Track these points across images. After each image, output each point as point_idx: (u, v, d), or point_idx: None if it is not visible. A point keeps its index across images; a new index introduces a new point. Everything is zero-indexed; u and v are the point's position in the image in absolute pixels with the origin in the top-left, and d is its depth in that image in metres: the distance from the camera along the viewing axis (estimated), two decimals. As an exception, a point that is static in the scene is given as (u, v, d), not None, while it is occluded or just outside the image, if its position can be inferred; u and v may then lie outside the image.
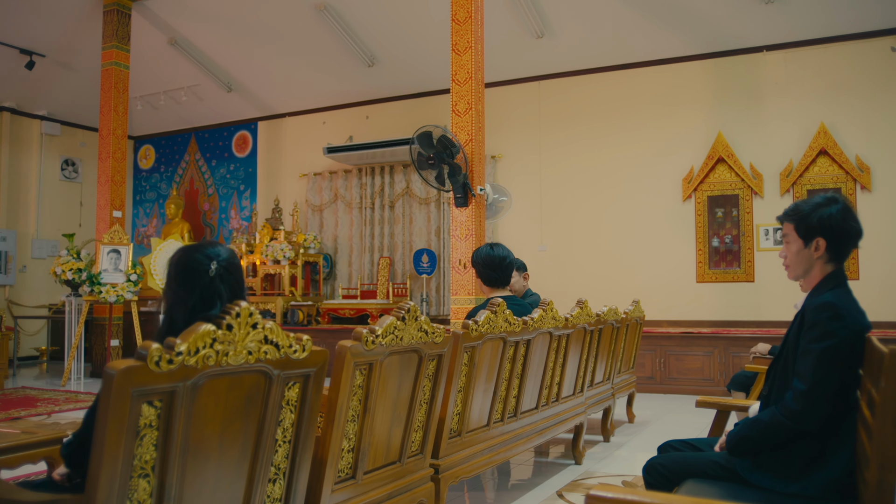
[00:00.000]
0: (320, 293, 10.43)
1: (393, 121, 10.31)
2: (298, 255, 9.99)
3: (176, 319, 1.83)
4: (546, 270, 8.99)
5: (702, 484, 2.12)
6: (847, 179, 7.86)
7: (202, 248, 1.91)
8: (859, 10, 7.60)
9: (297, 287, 10.01)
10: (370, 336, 2.25)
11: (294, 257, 9.94)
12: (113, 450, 1.48)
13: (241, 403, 1.79)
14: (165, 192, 11.99)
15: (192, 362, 1.60)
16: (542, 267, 9.00)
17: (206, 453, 1.71)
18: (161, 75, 10.53)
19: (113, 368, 1.46)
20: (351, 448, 2.31)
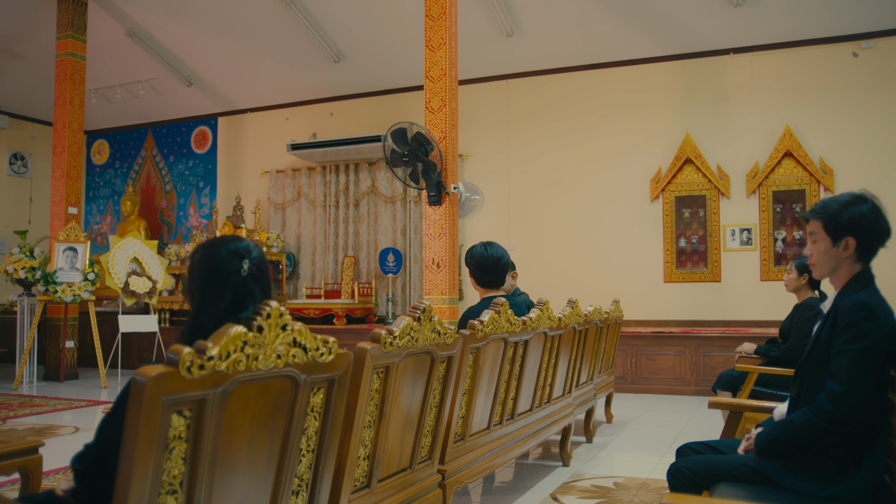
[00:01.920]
0: (283, 293, 10.21)
1: (358, 118, 10.16)
2: (261, 254, 9.74)
3: (206, 323, 1.67)
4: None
5: (733, 487, 2.07)
6: (811, 181, 8.01)
7: (230, 245, 1.75)
8: (823, 16, 7.74)
9: (260, 287, 9.75)
10: (388, 338, 2.14)
11: (257, 256, 9.68)
12: (143, 465, 1.35)
13: (269, 411, 1.66)
14: (120, 189, 11.59)
15: (223, 367, 1.47)
16: (510, 266, 8.93)
17: (233, 466, 1.59)
18: (118, 68, 10.17)
19: (144, 375, 1.33)
20: (366, 455, 2.20)
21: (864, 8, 7.57)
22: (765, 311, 7.99)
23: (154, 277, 8.68)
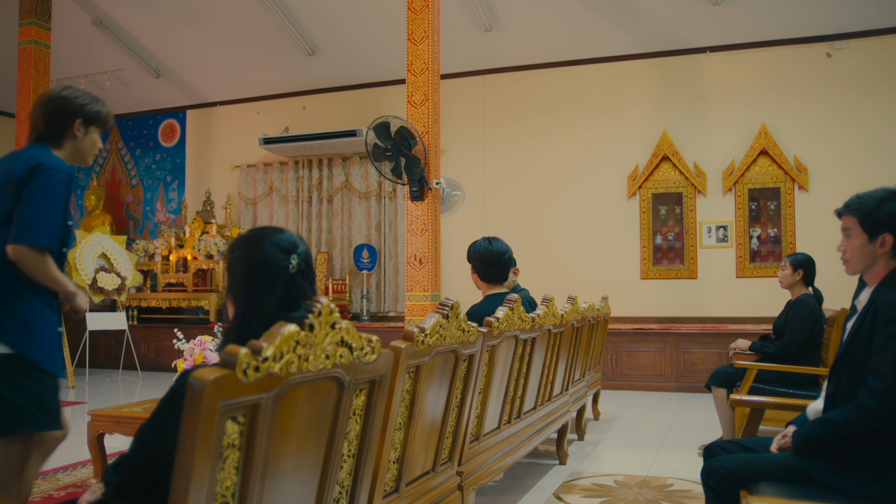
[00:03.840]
0: (255, 290, 9.99)
1: (332, 112, 9.99)
2: (233, 250, 9.53)
3: (254, 325, 1.55)
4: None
5: (775, 486, 2.03)
6: (786, 179, 8.11)
7: (273, 239, 1.62)
8: (798, 16, 7.84)
9: (232, 283, 9.54)
10: (421, 336, 2.05)
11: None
12: (200, 476, 1.24)
13: (316, 415, 1.56)
14: (84, 183, 11.23)
15: (277, 369, 1.37)
16: (488, 263, 8.88)
17: (281, 475, 1.48)
18: (82, 57, 9.84)
19: (201, 379, 1.22)
20: (396, 459, 2.11)
21: (837, 9, 7.68)
22: (741, 307, 8.07)
23: (123, 274, 8.42)
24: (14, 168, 2.30)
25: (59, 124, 2.42)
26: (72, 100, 2.44)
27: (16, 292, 2.31)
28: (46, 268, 2.32)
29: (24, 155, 2.37)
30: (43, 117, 2.42)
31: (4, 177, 2.32)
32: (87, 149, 2.52)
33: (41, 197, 2.27)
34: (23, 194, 2.27)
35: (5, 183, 2.31)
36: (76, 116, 2.44)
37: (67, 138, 2.45)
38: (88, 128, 2.48)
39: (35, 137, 2.44)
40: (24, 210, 2.27)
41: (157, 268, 9.69)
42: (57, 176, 2.31)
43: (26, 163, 2.30)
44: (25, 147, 2.45)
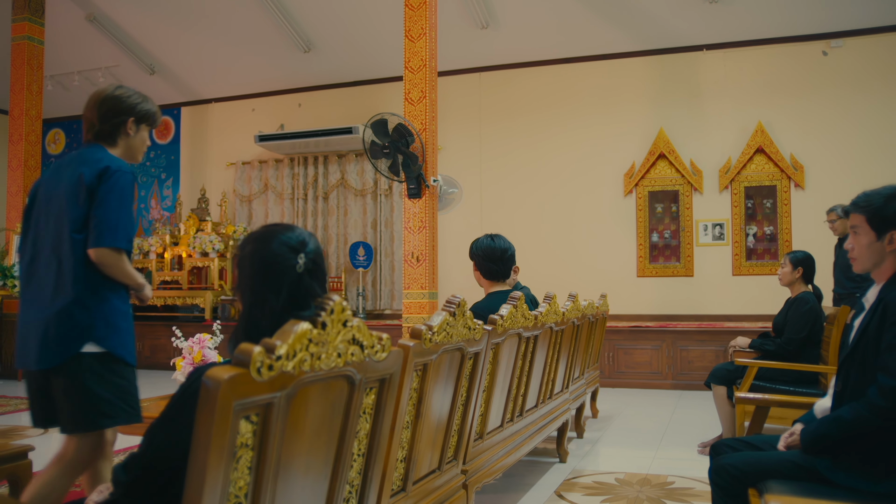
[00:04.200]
0: (250, 288, 9.95)
1: (327, 109, 9.96)
2: (228, 248, 9.51)
3: (261, 325, 1.53)
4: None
5: (783, 484, 2.02)
6: (782, 177, 8.12)
7: (282, 237, 1.60)
8: (794, 15, 7.85)
9: (227, 281, 9.52)
10: (429, 333, 2.04)
11: (223, 249, 9.44)
12: (214, 476, 1.22)
13: (328, 414, 1.55)
14: (77, 180, 11.16)
15: (290, 368, 1.35)
16: (484, 261, 8.88)
17: (293, 475, 1.47)
18: (76, 54, 9.77)
19: (215, 378, 1.20)
20: (403, 458, 2.09)
21: (833, 8, 7.70)
22: (737, 305, 8.09)
23: (118, 272, 8.36)
24: (82, 174, 2.38)
25: (114, 122, 2.50)
26: (125, 99, 2.52)
27: (97, 292, 2.41)
28: (125, 266, 2.44)
29: (88, 159, 2.44)
30: (98, 116, 2.50)
31: (74, 183, 2.40)
32: (138, 146, 2.61)
33: (113, 200, 2.37)
34: (96, 199, 2.37)
35: (76, 189, 2.39)
36: (129, 115, 2.52)
37: (121, 136, 2.53)
38: (139, 126, 2.57)
39: (91, 136, 2.53)
40: (100, 214, 2.37)
41: (151, 265, 9.64)
42: (124, 178, 2.41)
43: (93, 168, 2.39)
44: (84, 149, 2.52)
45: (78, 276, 2.38)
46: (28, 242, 2.52)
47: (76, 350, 2.35)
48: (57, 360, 2.35)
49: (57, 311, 2.35)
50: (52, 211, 2.45)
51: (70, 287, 2.37)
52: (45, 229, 2.47)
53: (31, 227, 2.53)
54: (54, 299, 2.38)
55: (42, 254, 2.45)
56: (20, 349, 2.45)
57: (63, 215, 2.41)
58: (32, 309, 2.43)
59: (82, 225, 2.38)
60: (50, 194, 2.48)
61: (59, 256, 2.40)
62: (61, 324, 2.35)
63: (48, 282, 2.41)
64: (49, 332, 2.35)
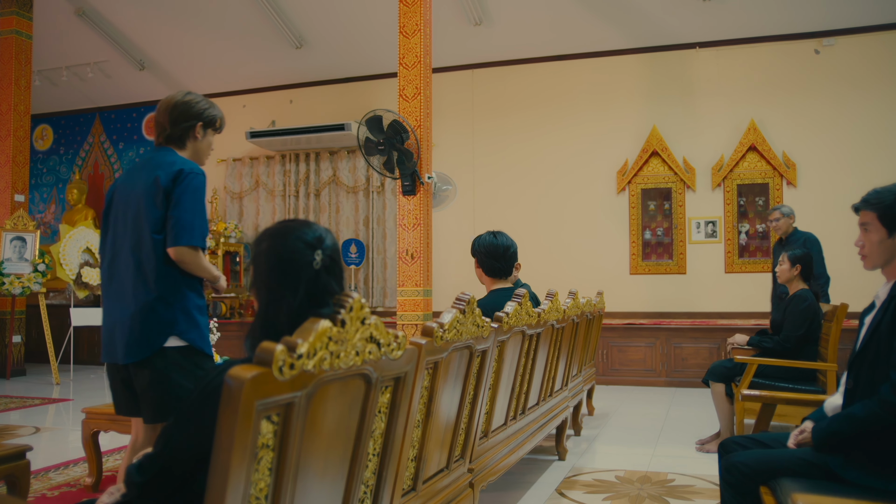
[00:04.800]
0: (241, 284, 9.90)
1: (319, 106, 9.90)
2: (219, 245, 9.44)
3: (278, 323, 1.51)
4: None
5: (796, 482, 2.02)
6: (774, 175, 8.14)
7: (300, 234, 1.58)
8: (787, 13, 7.87)
9: (218, 278, 9.43)
10: (440, 331, 2.01)
11: (214, 246, 9.37)
12: (237, 478, 1.20)
13: (345, 413, 1.52)
14: (65, 176, 11.05)
15: (311, 367, 1.32)
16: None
17: (312, 475, 1.44)
18: (65, 49, 9.65)
19: (238, 378, 1.17)
20: (414, 457, 2.07)
21: (825, 6, 7.72)
22: (729, 303, 8.11)
23: (108, 269, 8.29)
24: (158, 177, 2.51)
25: (183, 127, 2.64)
26: (194, 104, 2.66)
27: (178, 289, 2.54)
28: (202, 262, 2.56)
29: (162, 162, 2.56)
30: (170, 120, 2.63)
31: (150, 186, 2.52)
32: (204, 150, 2.74)
33: (189, 201, 2.51)
34: (172, 200, 2.50)
35: (153, 192, 2.51)
36: (198, 120, 2.66)
37: (189, 140, 2.67)
38: (206, 130, 2.71)
39: (162, 140, 2.66)
40: (178, 215, 2.49)
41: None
42: (197, 179, 2.55)
43: (167, 170, 2.52)
44: (156, 152, 2.65)
45: (160, 274, 2.51)
46: (107, 243, 2.65)
47: (161, 344, 2.49)
48: (143, 354, 2.49)
49: (141, 308, 2.49)
50: (130, 212, 2.57)
51: (153, 285, 2.50)
52: (122, 230, 2.59)
53: (109, 228, 2.66)
54: (137, 297, 2.51)
55: (121, 254, 2.58)
56: (106, 344, 2.61)
57: (141, 216, 2.53)
58: (116, 307, 2.56)
59: (161, 226, 2.51)
60: (126, 196, 2.60)
61: (140, 256, 2.53)
62: (146, 320, 2.49)
63: (129, 280, 2.54)
64: (135, 328, 2.49)
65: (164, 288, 2.50)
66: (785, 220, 5.99)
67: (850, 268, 7.50)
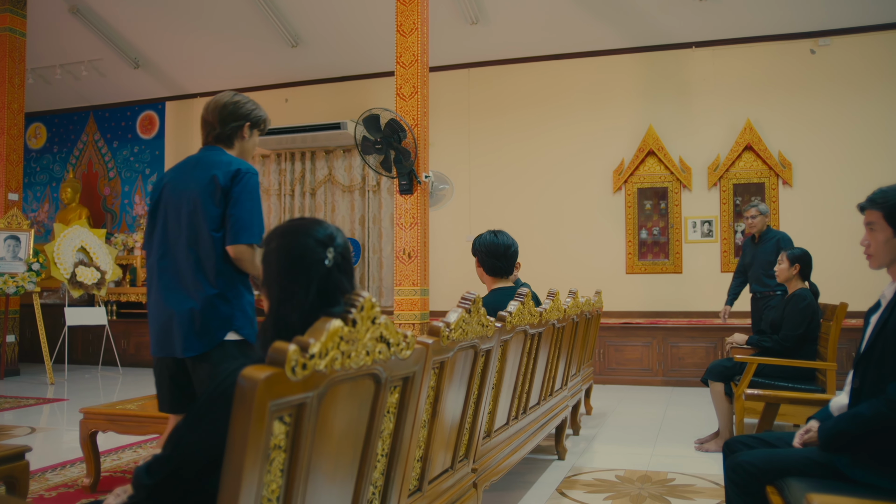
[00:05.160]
0: (236, 284, 9.85)
1: (315, 105, 9.87)
2: (214, 244, 9.39)
3: (290, 321, 1.49)
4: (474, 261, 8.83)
5: (803, 481, 2.01)
6: (770, 174, 8.16)
7: (311, 231, 1.57)
8: (783, 13, 7.89)
9: (213, 278, 9.40)
10: (446, 331, 2.00)
11: (210, 246, 9.32)
12: (250, 479, 1.18)
13: (355, 414, 1.51)
14: (59, 175, 10.99)
15: (322, 367, 1.31)
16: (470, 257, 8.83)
17: (322, 476, 1.43)
18: (58, 47, 9.60)
19: (252, 378, 1.16)
20: (420, 457, 2.06)
21: (821, 6, 7.74)
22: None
23: (102, 268, 8.25)
24: (215, 176, 2.56)
25: (232, 127, 2.70)
26: (242, 105, 2.72)
27: (235, 286, 2.60)
28: (258, 260, 2.58)
29: (217, 161, 2.61)
30: (219, 120, 2.69)
31: (208, 184, 2.56)
32: (250, 150, 2.79)
33: (247, 200, 2.57)
34: (230, 199, 2.56)
35: (211, 190, 2.55)
36: (246, 120, 2.72)
37: (237, 139, 2.73)
38: (253, 131, 2.77)
39: (211, 139, 2.71)
40: (237, 213, 2.55)
41: (136, 262, 9.52)
42: (253, 179, 2.62)
43: (225, 170, 2.58)
44: (207, 151, 2.69)
45: (219, 270, 2.57)
46: (156, 238, 2.68)
47: (220, 339, 2.56)
48: (204, 348, 2.55)
49: (202, 303, 2.54)
50: (184, 209, 2.60)
51: (214, 281, 2.56)
52: (175, 226, 2.62)
53: (157, 224, 2.68)
54: (196, 292, 2.56)
55: (175, 250, 2.61)
56: (160, 339, 2.63)
57: (198, 214, 2.57)
58: (172, 301, 2.60)
59: (219, 224, 2.56)
60: (179, 194, 2.62)
61: (198, 252, 2.57)
62: (206, 315, 2.54)
63: (188, 275, 2.58)
64: (195, 323, 2.54)
65: (224, 284, 2.57)
66: (761, 217, 6.04)
67: (844, 267, 7.54)
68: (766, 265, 5.85)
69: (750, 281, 6.19)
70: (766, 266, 5.88)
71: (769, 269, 5.76)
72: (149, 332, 2.76)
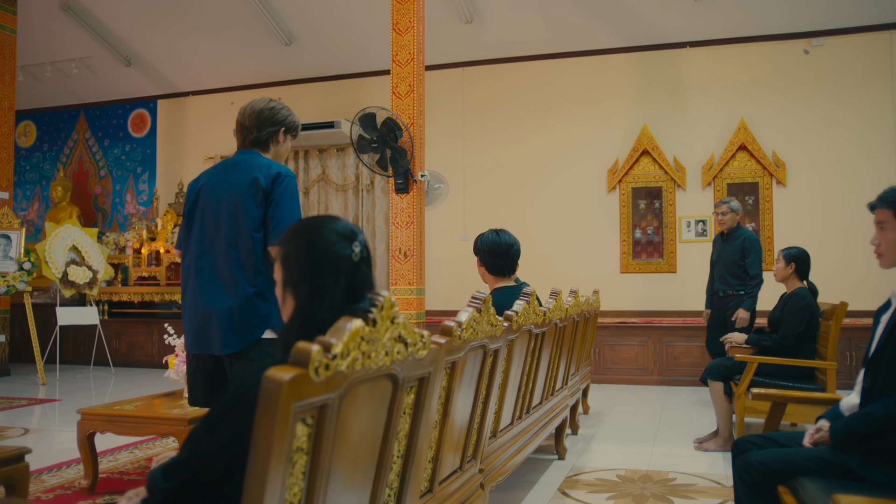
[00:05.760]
0: (229, 284, 9.78)
1: (308, 103, 9.81)
2: (207, 244, 9.33)
3: (320, 318, 1.46)
4: (469, 260, 8.77)
5: (816, 481, 2.01)
6: (764, 174, 8.18)
7: (332, 226, 1.54)
8: (777, 13, 7.91)
9: (206, 277, 9.34)
10: (458, 330, 1.98)
11: (202, 245, 9.26)
12: (274, 483, 1.16)
13: (373, 415, 1.49)
14: (49, 174, 10.89)
15: (344, 367, 1.29)
16: (465, 257, 8.85)
17: (341, 479, 1.40)
18: (49, 44, 9.51)
19: (276, 379, 1.14)
20: (431, 458, 2.04)
21: (815, 7, 7.77)
22: (720, 301, 8.12)
23: (95, 267, 8.18)
24: (257, 178, 2.64)
25: (269, 131, 2.78)
26: (278, 111, 2.81)
27: (271, 284, 2.60)
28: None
29: (257, 164, 2.70)
30: (256, 124, 2.77)
31: (249, 186, 2.64)
32: (284, 153, 2.88)
33: (288, 202, 2.66)
34: (272, 201, 2.64)
35: (253, 192, 2.63)
36: (282, 125, 2.81)
37: (272, 143, 2.81)
38: (287, 136, 2.86)
39: (248, 143, 2.79)
40: (279, 215, 2.63)
41: (128, 261, 9.45)
42: (293, 182, 2.71)
43: (266, 172, 2.66)
44: (244, 154, 2.77)
45: (259, 270, 2.64)
46: (193, 237, 2.74)
47: (258, 336, 2.62)
48: (242, 346, 2.60)
49: (242, 301, 2.61)
50: (224, 210, 2.67)
51: (253, 279, 2.63)
52: (214, 226, 2.69)
53: (195, 223, 2.75)
54: (236, 290, 2.62)
55: (213, 249, 2.68)
56: (197, 335, 2.69)
57: (240, 215, 2.64)
58: (210, 298, 2.65)
59: (260, 224, 2.64)
60: (218, 195, 2.69)
61: (239, 252, 2.64)
62: (245, 313, 2.61)
63: (227, 274, 2.64)
64: (234, 321, 2.60)
65: (262, 283, 2.63)
66: (732, 215, 6.01)
67: (837, 267, 7.58)
68: (731, 264, 5.80)
69: (715, 279, 6.13)
70: (730, 265, 5.82)
71: (733, 268, 5.73)
72: (142, 333, 2.76)
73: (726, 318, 5.87)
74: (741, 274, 5.74)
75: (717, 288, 5.99)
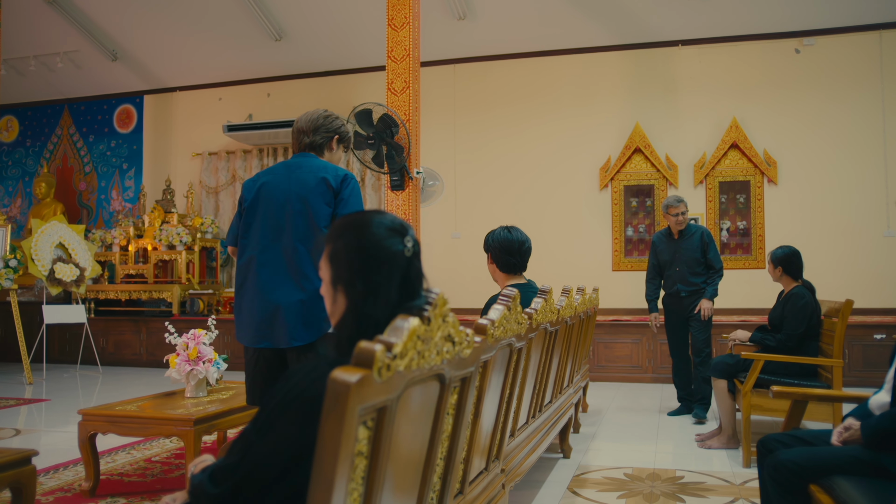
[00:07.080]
0: (217, 281, 9.70)
1: (298, 99, 9.72)
2: (195, 240, 9.22)
3: (376, 317, 1.39)
4: (461, 258, 8.80)
5: (851, 480, 1.99)
6: (755, 172, 8.22)
7: (381, 221, 1.48)
8: (768, 12, 7.95)
9: (194, 274, 9.24)
10: (491, 328, 1.95)
11: (191, 242, 9.16)
12: (340, 488, 1.12)
13: (423, 416, 1.45)
14: (32, 169, 10.70)
15: (402, 367, 1.24)
16: (456, 254, 8.84)
17: (394, 483, 1.36)
18: (33, 38, 9.34)
19: (343, 381, 1.09)
20: (463, 459, 2.00)
21: (806, 6, 7.82)
22: (712, 298, 8.15)
23: (82, 265, 8.04)
24: (326, 178, 2.81)
25: (325, 136, 2.96)
26: (333, 120, 3.00)
27: None
28: None
29: (322, 166, 2.86)
30: (312, 129, 2.94)
31: (318, 185, 2.79)
32: (336, 160, 3.02)
33: (355, 202, 2.82)
34: (340, 200, 2.80)
35: (322, 191, 2.79)
36: (336, 133, 3.00)
37: (326, 150, 2.97)
38: (339, 145, 3.03)
39: (304, 146, 2.95)
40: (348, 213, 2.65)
41: (115, 258, 9.31)
42: (357, 184, 2.88)
43: (333, 174, 2.83)
44: (303, 157, 2.91)
45: None
46: (254, 233, 2.83)
47: (326, 330, 2.71)
48: (310, 338, 2.69)
49: (310, 295, 2.69)
50: (290, 208, 2.79)
51: None
52: (277, 224, 2.79)
53: (256, 219, 2.84)
54: (305, 284, 2.71)
55: (282, 244, 2.77)
56: (261, 330, 2.75)
57: (308, 212, 2.78)
58: (276, 294, 2.73)
59: (329, 221, 2.77)
60: (281, 193, 2.82)
61: (307, 247, 2.75)
62: (315, 306, 2.69)
63: (295, 269, 2.73)
64: (305, 313, 2.69)
65: None
66: (687, 213, 5.85)
67: (828, 264, 7.64)
68: (693, 262, 5.61)
69: (673, 279, 5.75)
70: (691, 263, 5.61)
71: (695, 266, 5.61)
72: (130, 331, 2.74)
73: (690, 318, 5.70)
74: (703, 271, 5.66)
75: (677, 289, 5.76)
